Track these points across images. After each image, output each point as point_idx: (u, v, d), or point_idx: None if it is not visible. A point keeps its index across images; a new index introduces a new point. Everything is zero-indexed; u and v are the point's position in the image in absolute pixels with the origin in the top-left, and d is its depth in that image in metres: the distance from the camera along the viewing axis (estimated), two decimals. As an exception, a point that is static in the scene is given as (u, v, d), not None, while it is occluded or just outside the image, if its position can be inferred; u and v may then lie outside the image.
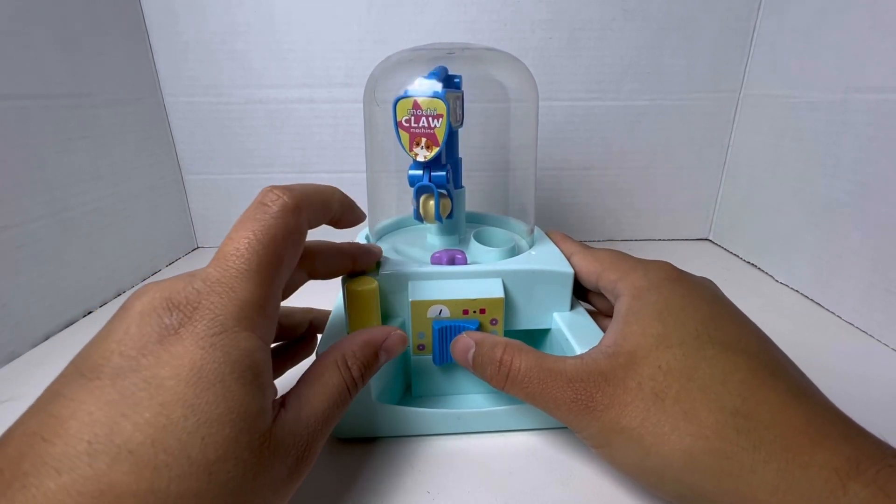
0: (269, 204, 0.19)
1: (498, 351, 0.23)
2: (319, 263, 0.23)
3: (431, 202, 0.28)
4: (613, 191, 0.56)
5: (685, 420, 0.18)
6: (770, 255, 0.48)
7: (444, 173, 0.27)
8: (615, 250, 0.27)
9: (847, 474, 0.15)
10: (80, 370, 0.15)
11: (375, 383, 0.25)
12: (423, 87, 0.26)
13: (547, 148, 0.53)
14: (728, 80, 0.51)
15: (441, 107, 0.25)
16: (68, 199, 0.39)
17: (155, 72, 0.49)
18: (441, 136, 0.26)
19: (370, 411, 0.25)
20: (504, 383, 0.22)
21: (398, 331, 0.23)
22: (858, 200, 0.37)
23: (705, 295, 0.23)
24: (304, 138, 0.52)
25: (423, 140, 0.26)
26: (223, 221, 0.56)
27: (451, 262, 0.27)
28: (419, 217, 0.29)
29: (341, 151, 0.53)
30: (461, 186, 0.31)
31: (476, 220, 0.36)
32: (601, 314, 0.30)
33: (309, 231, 0.21)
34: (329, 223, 0.23)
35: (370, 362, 0.21)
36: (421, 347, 0.27)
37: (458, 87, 0.29)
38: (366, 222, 0.27)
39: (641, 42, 0.49)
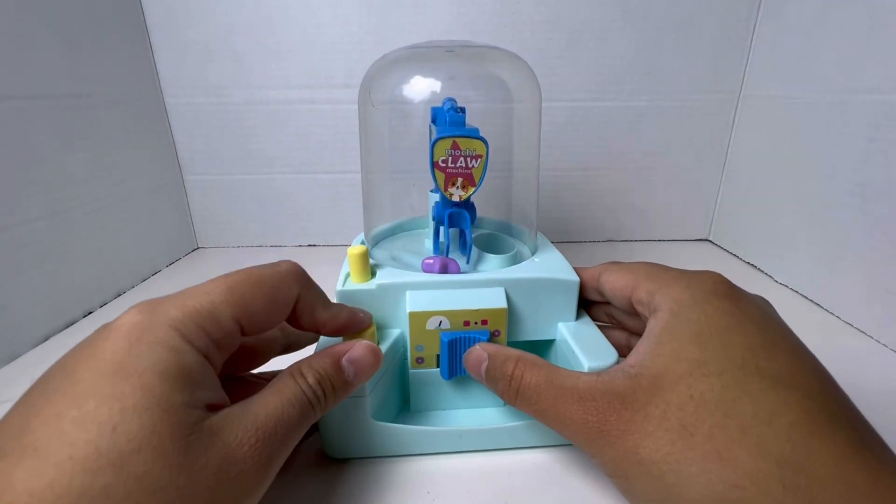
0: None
1: (510, 365, 0.22)
2: (304, 321, 0.22)
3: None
4: (613, 191, 0.56)
5: (718, 462, 0.16)
6: (769, 255, 0.48)
7: (467, 214, 0.27)
8: (651, 263, 0.25)
9: None
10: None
11: (371, 400, 0.24)
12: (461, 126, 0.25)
13: (547, 149, 0.53)
14: (728, 81, 0.51)
15: (481, 147, 0.25)
16: (68, 200, 0.39)
17: (155, 72, 0.49)
18: (478, 176, 0.25)
19: (366, 430, 0.24)
20: (514, 399, 0.21)
21: (365, 341, 0.22)
22: (858, 201, 0.37)
23: (757, 317, 0.20)
24: (305, 139, 0.52)
25: (460, 180, 0.25)
26: (223, 222, 0.55)
27: (444, 269, 0.26)
28: (438, 249, 0.29)
29: (341, 152, 0.53)
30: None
31: (476, 224, 0.35)
32: (616, 328, 0.28)
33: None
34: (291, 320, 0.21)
35: (328, 371, 0.20)
36: (420, 361, 0.25)
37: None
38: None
39: (641, 43, 0.50)
